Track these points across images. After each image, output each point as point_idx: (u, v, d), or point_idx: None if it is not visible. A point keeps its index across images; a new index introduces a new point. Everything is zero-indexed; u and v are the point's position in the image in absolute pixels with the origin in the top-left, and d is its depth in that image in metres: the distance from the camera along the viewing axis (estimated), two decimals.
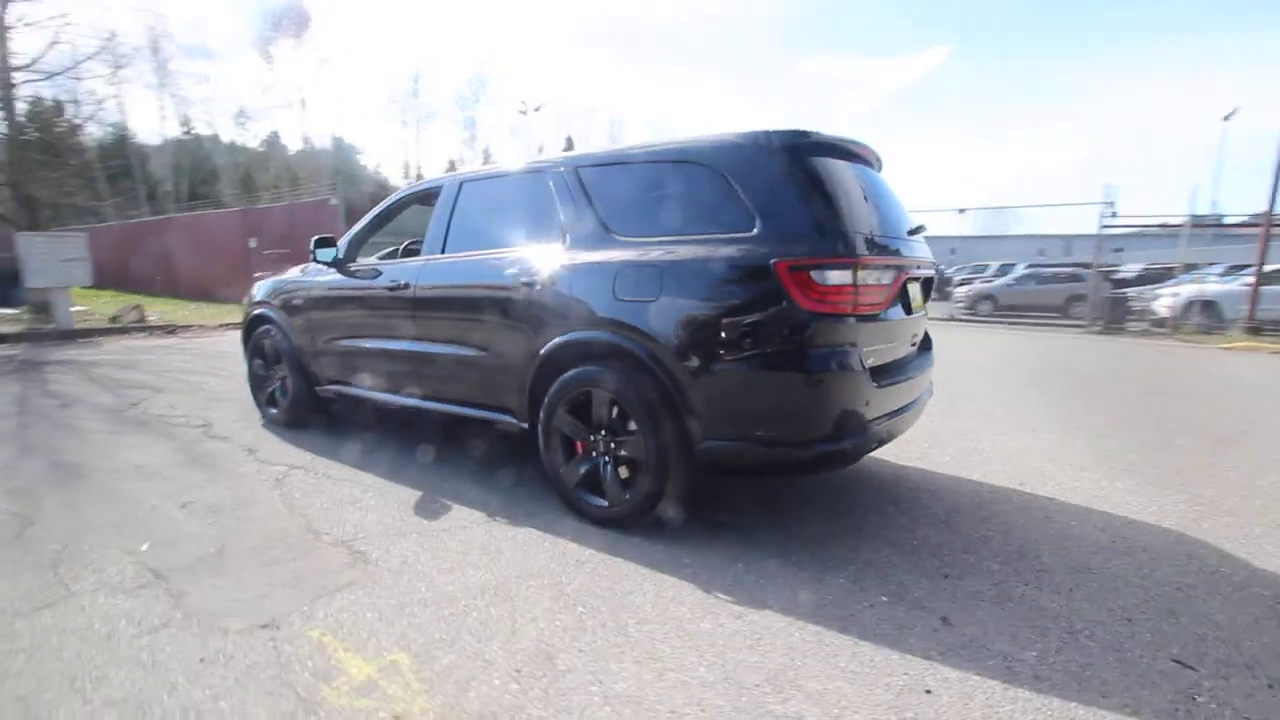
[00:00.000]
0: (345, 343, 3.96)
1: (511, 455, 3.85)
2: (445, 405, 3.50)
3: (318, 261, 3.97)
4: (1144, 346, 11.88)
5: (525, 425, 3.14)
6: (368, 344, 3.84)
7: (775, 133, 2.55)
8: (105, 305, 13.48)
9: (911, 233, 2.88)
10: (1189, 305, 13.43)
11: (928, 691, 1.80)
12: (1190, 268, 13.67)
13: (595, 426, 2.84)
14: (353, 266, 4.00)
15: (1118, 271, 15.75)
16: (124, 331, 10.79)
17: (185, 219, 20.79)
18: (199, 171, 45.50)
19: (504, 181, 3.39)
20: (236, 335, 11.17)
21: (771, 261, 2.38)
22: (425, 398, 3.59)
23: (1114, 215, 14.13)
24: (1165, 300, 13.86)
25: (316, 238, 3.94)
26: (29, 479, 3.47)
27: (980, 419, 4.97)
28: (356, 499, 3.20)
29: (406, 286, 3.53)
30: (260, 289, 4.71)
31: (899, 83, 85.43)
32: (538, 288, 2.96)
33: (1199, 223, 15.06)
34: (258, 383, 4.68)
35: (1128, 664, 1.94)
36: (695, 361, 2.52)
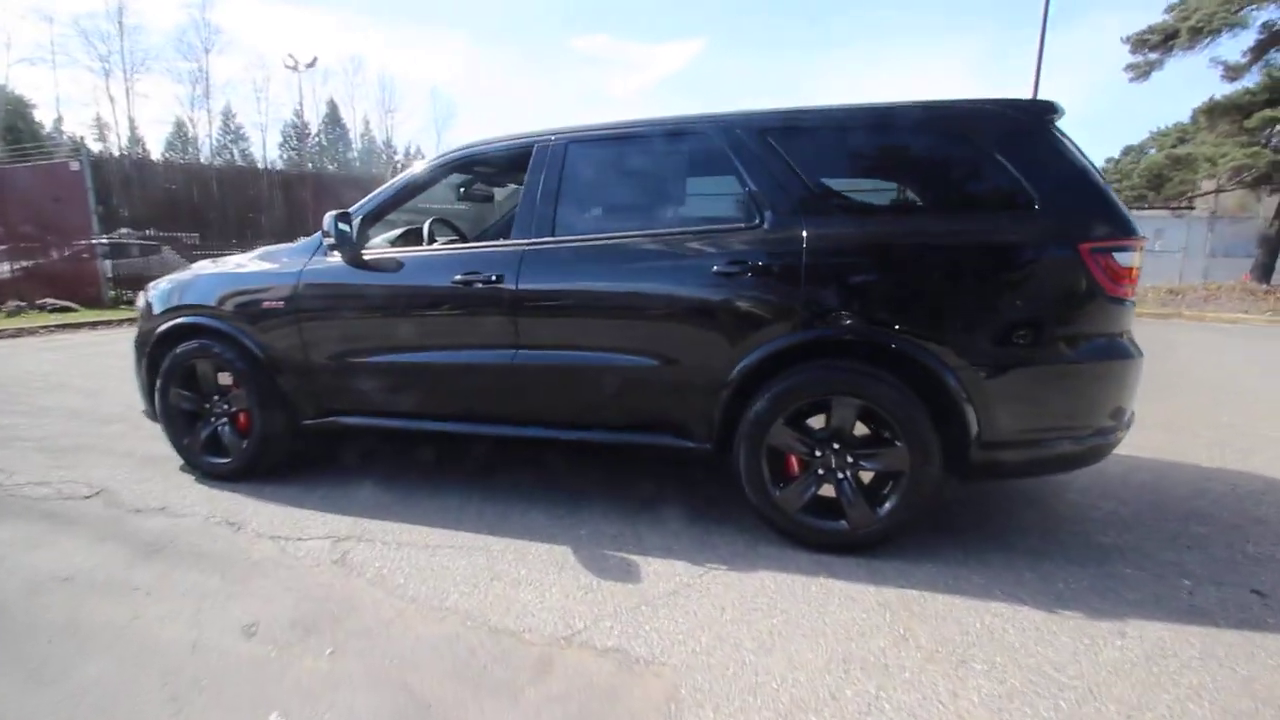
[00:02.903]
0: (376, 359, 2.90)
1: (603, 476, 3.17)
2: (555, 431, 2.74)
3: (339, 246, 2.82)
4: None
5: (706, 446, 2.57)
6: (418, 358, 2.84)
7: (1036, 102, 2.33)
8: None
9: None
10: None
11: None
12: None
13: (826, 439, 2.41)
14: (370, 255, 2.93)
15: None
16: None
17: None
18: None
19: (639, 144, 2.68)
20: None
21: (1075, 242, 2.18)
22: (524, 422, 2.78)
23: None
24: None
25: (336, 213, 2.78)
26: None
27: None
28: (494, 572, 2.36)
29: (498, 281, 2.66)
30: (173, 290, 3.27)
31: (666, 69, 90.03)
32: (745, 277, 2.40)
33: None
34: (184, 422, 3.27)
35: None
36: (981, 356, 2.23)
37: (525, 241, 2.69)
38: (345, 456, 3.50)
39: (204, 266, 3.42)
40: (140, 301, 3.43)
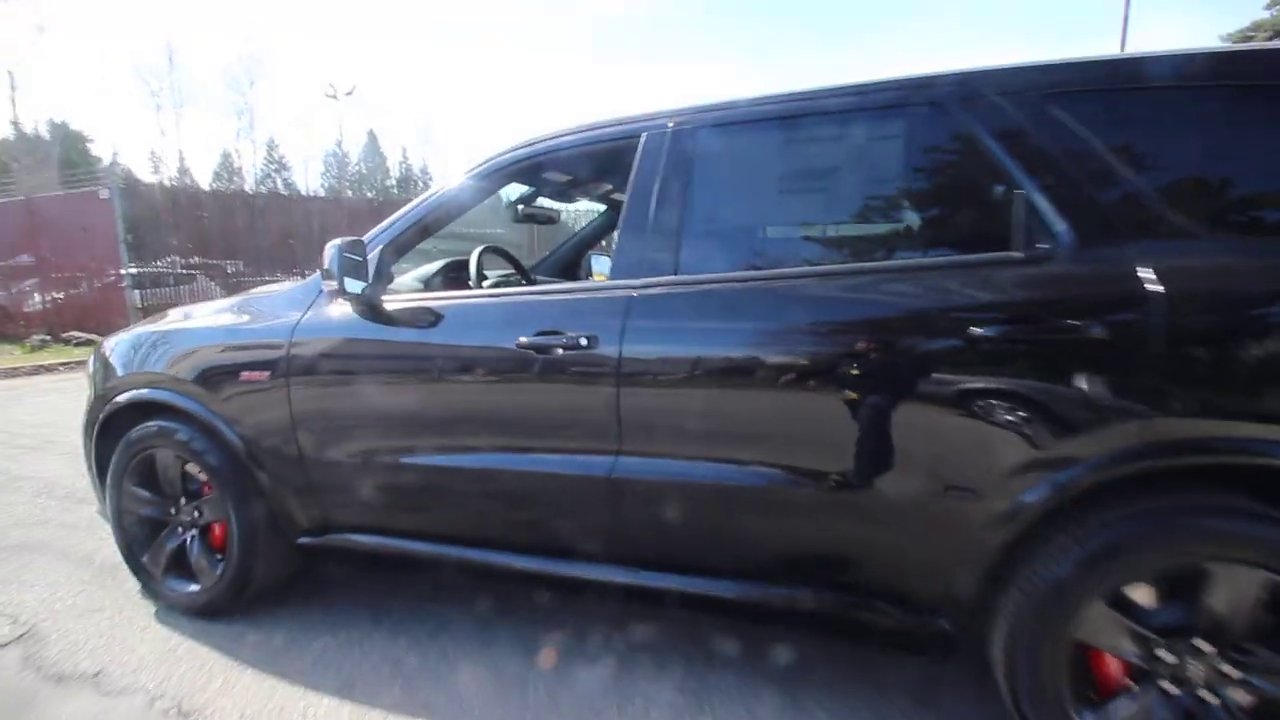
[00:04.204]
0: (398, 458, 1.94)
1: (739, 639, 2.12)
2: (675, 580, 1.73)
3: (345, 290, 1.87)
4: None
5: (937, 622, 1.53)
6: (461, 461, 1.87)
7: None
8: None
9: None
10: None
11: None
12: None
13: (1181, 631, 1.35)
14: (393, 302, 1.99)
15: None
16: None
17: None
18: None
19: (819, 126, 1.65)
20: None
21: None
22: (625, 562, 1.78)
23: None
24: None
25: (342, 242, 1.84)
26: None
27: None
28: None
29: (589, 345, 1.68)
30: (131, 350, 2.38)
31: (702, 90, 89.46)
32: (1030, 343, 1.37)
33: None
34: (144, 532, 2.36)
35: None
36: None
37: (633, 284, 1.69)
38: (356, 582, 2.53)
39: (175, 317, 2.52)
40: (92, 362, 2.55)
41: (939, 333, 1.46)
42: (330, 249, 1.82)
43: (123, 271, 10.94)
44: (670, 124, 1.75)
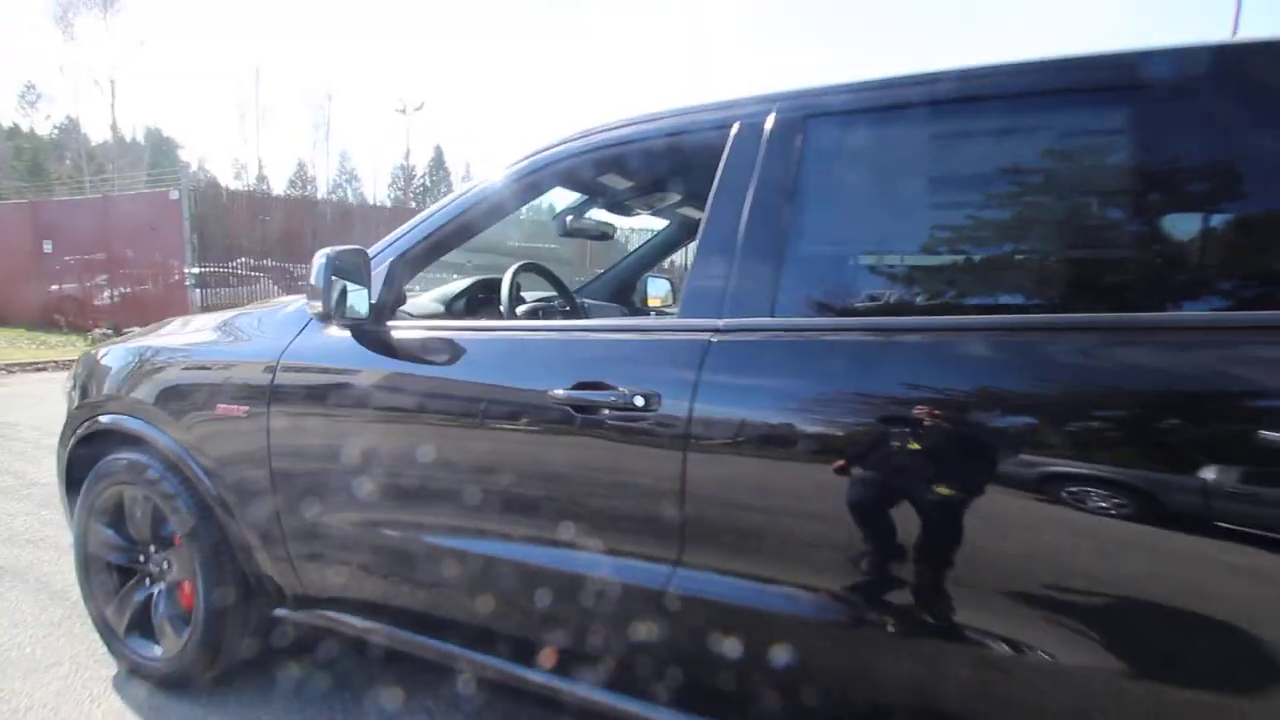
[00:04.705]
0: (391, 531, 1.53)
1: None
2: None
3: (335, 313, 1.47)
4: None
5: None
6: (469, 545, 1.43)
7: None
8: None
9: None
10: None
11: None
12: None
13: None
14: (401, 329, 1.58)
15: None
16: None
17: None
18: None
19: (979, 115, 1.14)
20: (29, 380, 7.44)
21: None
22: (687, 706, 1.30)
23: None
24: None
25: (333, 252, 1.44)
26: None
27: None
28: None
29: (648, 405, 1.23)
30: (119, 364, 2.05)
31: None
32: None
33: None
34: (107, 580, 2.01)
35: None
36: None
37: (712, 324, 1.23)
38: (342, 662, 2.11)
39: (171, 329, 2.18)
40: (78, 367, 2.23)
41: (1196, 434, 0.94)
42: (318, 260, 1.41)
43: (186, 270, 11.13)
44: (773, 110, 1.28)
